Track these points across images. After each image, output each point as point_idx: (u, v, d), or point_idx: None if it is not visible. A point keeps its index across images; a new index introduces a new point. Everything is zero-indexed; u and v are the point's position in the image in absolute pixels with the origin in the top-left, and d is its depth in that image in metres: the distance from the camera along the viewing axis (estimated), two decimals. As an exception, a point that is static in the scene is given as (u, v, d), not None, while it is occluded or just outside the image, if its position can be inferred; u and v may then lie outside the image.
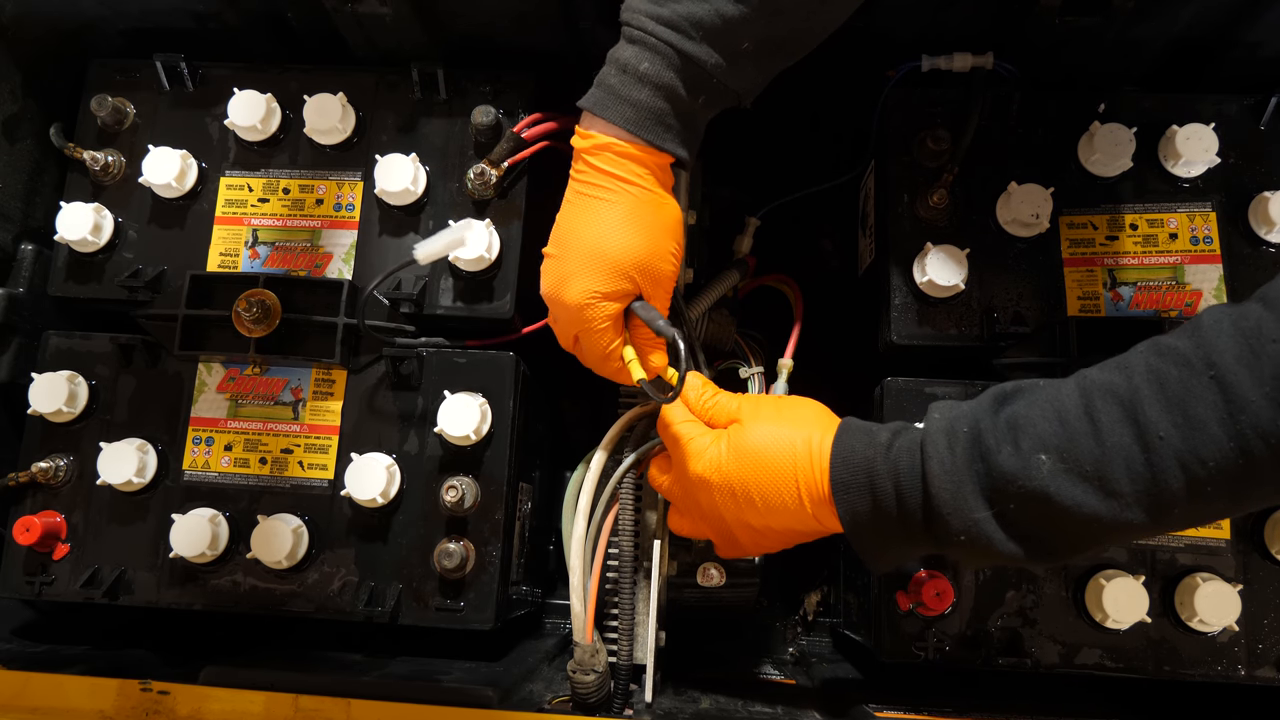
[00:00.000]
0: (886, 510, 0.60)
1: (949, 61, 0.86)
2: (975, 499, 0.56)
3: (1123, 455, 0.51)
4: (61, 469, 0.82)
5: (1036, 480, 0.53)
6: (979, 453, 0.56)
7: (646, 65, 0.64)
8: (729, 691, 0.85)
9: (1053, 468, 0.53)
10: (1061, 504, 0.53)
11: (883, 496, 0.60)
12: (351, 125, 0.86)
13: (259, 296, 0.79)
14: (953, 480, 0.57)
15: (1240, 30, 0.84)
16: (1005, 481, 0.55)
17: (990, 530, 0.56)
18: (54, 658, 0.82)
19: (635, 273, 0.68)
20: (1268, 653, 0.77)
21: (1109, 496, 0.52)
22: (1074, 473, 0.52)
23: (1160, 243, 0.83)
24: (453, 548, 0.77)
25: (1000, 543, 0.56)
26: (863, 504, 0.61)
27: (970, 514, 0.56)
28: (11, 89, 0.88)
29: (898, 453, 0.60)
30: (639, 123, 0.65)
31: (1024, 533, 0.56)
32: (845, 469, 0.62)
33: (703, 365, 0.85)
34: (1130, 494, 0.51)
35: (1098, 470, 0.52)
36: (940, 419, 0.59)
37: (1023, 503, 0.54)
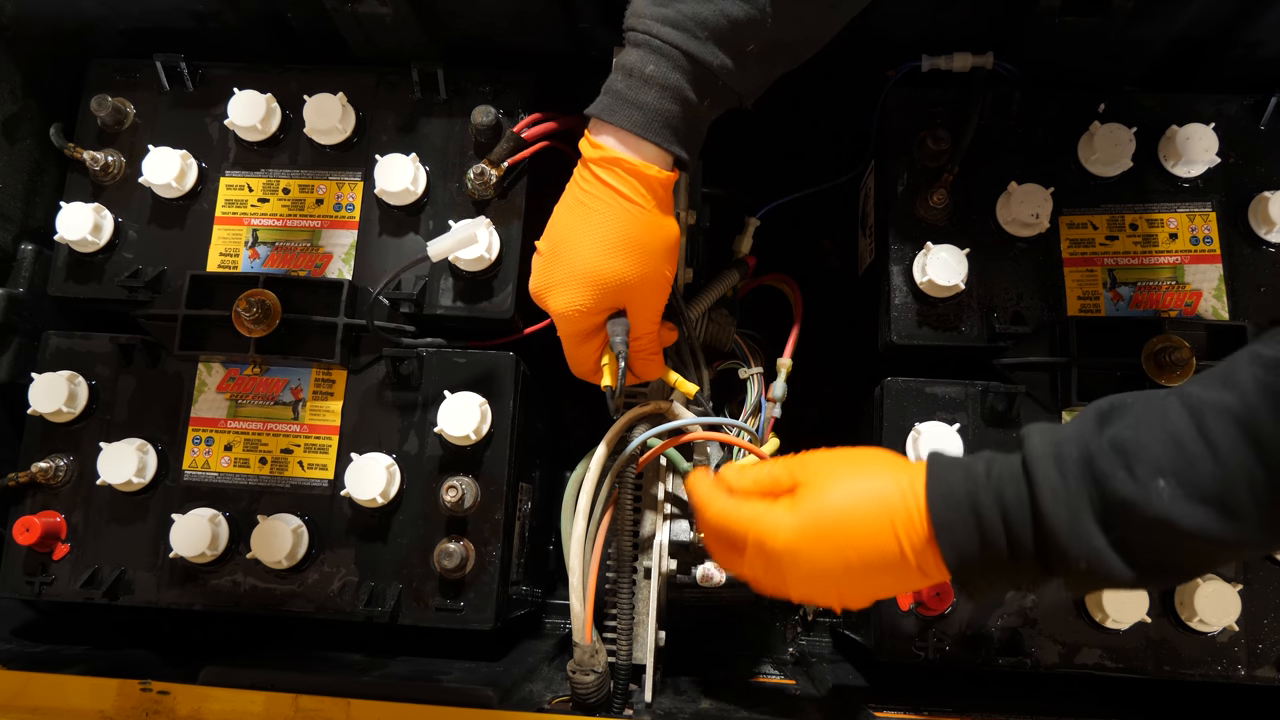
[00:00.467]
0: (995, 546, 0.57)
1: (949, 61, 0.86)
2: (1094, 526, 0.54)
3: (1245, 476, 0.49)
4: (61, 469, 0.82)
5: (1157, 506, 0.51)
6: (1092, 478, 0.54)
7: (653, 68, 0.64)
8: (729, 691, 0.85)
9: (1173, 493, 0.51)
10: (1184, 529, 0.51)
11: (990, 531, 0.57)
12: (351, 125, 0.86)
13: (259, 296, 0.79)
14: (1068, 509, 0.54)
15: (1240, 30, 0.84)
16: (1123, 508, 0.52)
17: (1109, 557, 0.53)
18: (54, 658, 0.82)
19: (622, 295, 0.68)
20: (1268, 653, 0.77)
21: (1232, 519, 0.50)
22: (1194, 497, 0.50)
23: (1160, 243, 0.83)
24: (453, 548, 0.77)
25: (1118, 569, 0.54)
26: (970, 543, 0.57)
27: (1090, 541, 0.54)
28: (11, 89, 0.88)
29: (1000, 481, 0.57)
30: (646, 125, 0.64)
31: (1142, 558, 0.54)
32: (947, 507, 0.58)
33: (703, 365, 0.85)
34: (1254, 515, 0.50)
35: (1220, 494, 0.50)
36: (1043, 443, 0.57)
37: (1143, 529, 0.52)
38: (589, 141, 0.67)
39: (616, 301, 0.69)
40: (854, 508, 0.61)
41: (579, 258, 0.66)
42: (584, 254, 0.66)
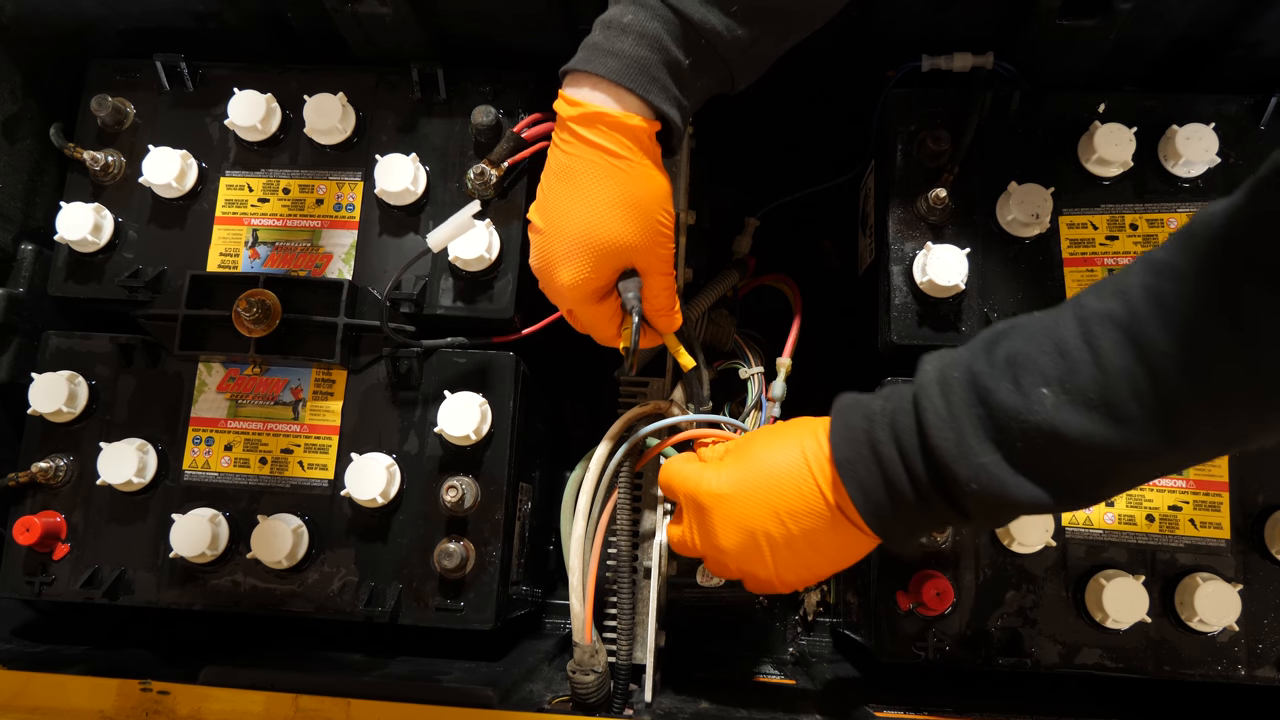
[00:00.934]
0: (895, 479, 0.57)
1: (949, 61, 0.85)
2: (979, 442, 0.53)
3: (1127, 378, 0.48)
4: (61, 469, 0.82)
5: (1040, 414, 0.50)
6: (976, 395, 0.54)
7: (630, 16, 0.61)
8: (729, 691, 0.85)
9: (1056, 400, 0.50)
10: (1070, 436, 0.50)
11: (888, 463, 0.57)
12: (351, 125, 0.86)
13: (259, 296, 0.79)
14: (952, 427, 0.54)
15: (1240, 30, 0.84)
16: (1008, 418, 0.52)
17: (1001, 474, 0.53)
18: (54, 658, 0.82)
19: (626, 255, 0.66)
20: (1268, 653, 0.77)
21: (1119, 423, 0.49)
22: (1079, 403, 0.50)
23: (1160, 242, 0.83)
24: (453, 548, 0.78)
25: (1016, 487, 0.53)
26: (871, 479, 0.58)
27: (976, 459, 0.53)
28: (11, 89, 0.88)
29: (893, 414, 0.57)
30: (623, 72, 0.61)
31: (1040, 474, 0.53)
32: (847, 446, 0.59)
33: (703, 365, 0.85)
34: (1140, 417, 0.49)
35: (1103, 396, 0.49)
36: (931, 369, 0.57)
37: (1030, 440, 0.51)
38: (564, 99, 0.64)
39: (622, 263, 0.67)
40: (773, 455, 0.63)
41: (575, 226, 0.64)
42: (579, 221, 0.64)
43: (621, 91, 0.62)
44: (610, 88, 0.62)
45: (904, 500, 0.57)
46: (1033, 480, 0.53)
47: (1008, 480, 0.53)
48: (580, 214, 0.64)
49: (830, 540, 0.62)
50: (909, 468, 0.56)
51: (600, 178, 0.63)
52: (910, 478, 0.56)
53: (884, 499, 0.58)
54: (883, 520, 0.59)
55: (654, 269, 0.68)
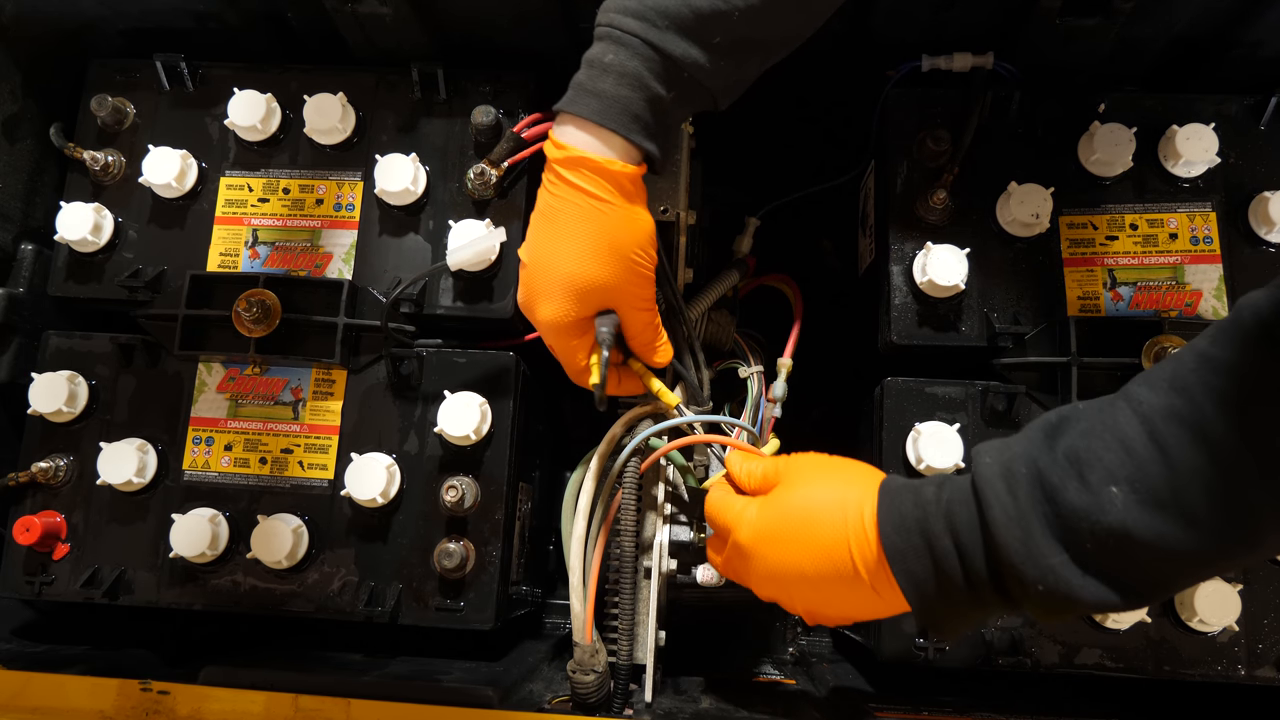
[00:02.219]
0: (949, 573, 0.55)
1: (949, 61, 0.86)
2: (1047, 543, 0.51)
3: (1199, 479, 0.47)
4: (61, 469, 0.82)
5: (1112, 514, 0.49)
6: (1043, 494, 0.52)
7: (611, 56, 0.62)
8: (729, 691, 0.85)
9: (1127, 499, 0.49)
10: (1142, 538, 0.49)
11: (944, 558, 0.55)
12: (351, 125, 0.86)
13: (259, 296, 0.79)
14: (1020, 526, 0.52)
15: (1240, 30, 0.84)
16: (1077, 520, 0.50)
17: (1070, 575, 0.51)
18: (54, 658, 0.82)
19: (604, 296, 0.68)
20: (1268, 653, 0.77)
21: (1191, 524, 0.48)
22: (1149, 503, 0.48)
23: (1160, 243, 0.83)
24: (453, 548, 0.78)
25: (1083, 589, 0.51)
26: (923, 571, 0.56)
27: (1045, 560, 0.51)
28: (11, 89, 0.88)
29: (950, 505, 0.55)
30: (604, 113, 0.63)
31: (1107, 575, 0.51)
32: (897, 534, 0.57)
33: (703, 365, 0.85)
34: (1209, 519, 0.47)
35: (1174, 496, 0.48)
36: (992, 462, 0.55)
37: (1100, 541, 0.50)
38: (552, 140, 0.66)
39: (601, 304, 0.68)
40: (812, 516, 0.61)
41: (556, 267, 0.66)
42: (560, 262, 0.66)
43: (604, 132, 0.63)
44: (593, 129, 0.64)
45: (956, 595, 0.55)
46: (1101, 581, 0.51)
47: (1074, 582, 0.51)
48: (560, 254, 0.66)
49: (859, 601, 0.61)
50: (965, 563, 0.54)
51: (581, 220, 0.65)
52: (965, 573, 0.55)
53: (933, 591, 0.56)
54: (929, 611, 0.57)
55: (633, 307, 0.70)
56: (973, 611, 0.57)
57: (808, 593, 0.63)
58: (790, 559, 0.62)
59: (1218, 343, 0.49)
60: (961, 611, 0.57)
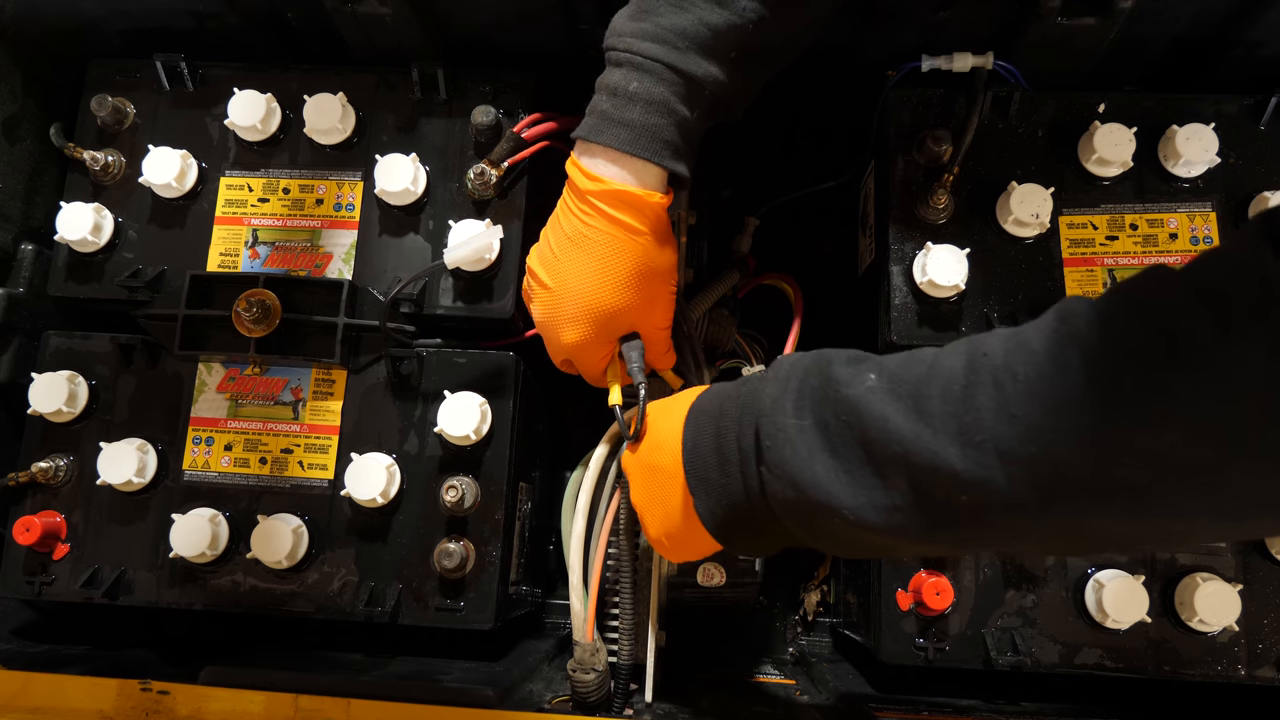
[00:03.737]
0: (725, 439, 0.56)
1: (949, 61, 0.85)
2: (795, 404, 0.52)
3: (944, 377, 0.47)
4: (61, 469, 0.82)
5: (856, 389, 0.49)
6: (819, 366, 0.53)
7: (636, 84, 0.63)
8: (729, 691, 0.85)
9: (876, 384, 0.49)
10: (870, 417, 0.48)
11: (726, 425, 0.57)
12: (351, 125, 0.86)
13: (259, 296, 0.79)
14: (779, 384, 0.54)
15: (1240, 30, 0.84)
16: (831, 388, 0.51)
17: (803, 444, 0.50)
18: (54, 658, 0.82)
19: (632, 321, 0.70)
20: (1268, 653, 0.77)
21: (918, 416, 0.46)
22: (893, 392, 0.48)
23: (1160, 243, 0.83)
24: (453, 548, 0.77)
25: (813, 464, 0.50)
26: (706, 432, 0.58)
27: (784, 417, 0.52)
28: (11, 89, 0.88)
29: (756, 381, 0.58)
30: (635, 142, 0.63)
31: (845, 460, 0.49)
32: (704, 398, 0.61)
33: (704, 365, 0.85)
34: (940, 414, 0.46)
35: (916, 388, 0.47)
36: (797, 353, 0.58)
37: (838, 414, 0.50)
38: (581, 170, 0.65)
39: (626, 328, 0.70)
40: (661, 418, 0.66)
41: (586, 294, 0.67)
42: (591, 290, 0.67)
43: (637, 162, 0.64)
44: (625, 159, 0.64)
45: (727, 465, 0.56)
46: (835, 462, 0.50)
47: (802, 450, 0.50)
48: (594, 283, 0.67)
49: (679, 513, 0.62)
50: (740, 429, 0.56)
51: (617, 252, 0.66)
52: (738, 439, 0.56)
53: (710, 456, 0.58)
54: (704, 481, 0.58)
55: (656, 328, 0.72)
56: (744, 503, 0.56)
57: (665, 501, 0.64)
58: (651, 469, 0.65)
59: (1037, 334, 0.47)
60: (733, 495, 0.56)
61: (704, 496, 0.59)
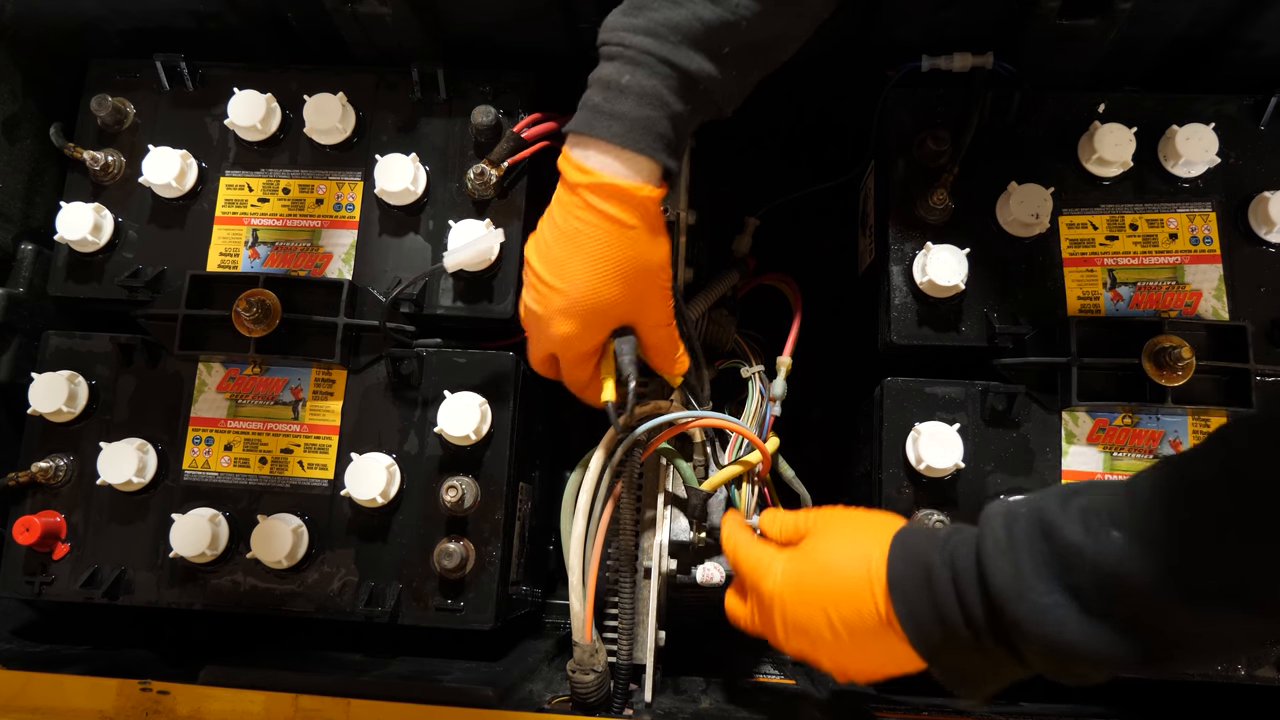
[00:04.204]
0: (945, 606, 0.54)
1: (949, 61, 0.85)
2: (1038, 579, 0.50)
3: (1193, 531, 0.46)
4: (61, 469, 0.82)
5: (1108, 554, 0.47)
6: (1040, 531, 0.51)
7: (628, 77, 0.62)
8: (729, 692, 0.85)
9: (1125, 541, 0.47)
10: (1139, 581, 0.47)
11: (939, 588, 0.54)
12: (351, 125, 0.86)
13: (259, 296, 0.79)
14: (1009, 559, 0.51)
15: (1240, 30, 0.84)
16: (1073, 557, 0.49)
17: (1064, 615, 0.49)
18: (54, 658, 0.82)
19: (624, 315, 0.68)
20: (1268, 653, 0.77)
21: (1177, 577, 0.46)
22: (1148, 547, 0.47)
23: (1160, 243, 0.83)
24: (453, 548, 0.78)
25: (1078, 632, 0.49)
26: (920, 603, 0.56)
27: (1036, 597, 0.50)
28: (11, 89, 0.88)
29: (955, 544, 0.55)
30: (628, 135, 0.63)
31: (1113, 624, 0.49)
32: (900, 562, 0.58)
33: (703, 365, 0.85)
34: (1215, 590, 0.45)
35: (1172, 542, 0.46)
36: (998, 504, 0.55)
37: (1097, 583, 0.48)
38: (573, 163, 0.65)
39: (618, 322, 0.69)
40: (836, 563, 0.62)
41: (577, 287, 0.66)
42: (582, 283, 0.65)
43: (629, 155, 0.63)
44: (618, 152, 0.63)
45: (955, 633, 0.55)
46: (1106, 628, 0.49)
47: (1069, 623, 0.49)
48: (586, 278, 0.65)
49: (883, 653, 0.60)
50: (962, 599, 0.54)
51: (608, 246, 0.65)
52: (962, 609, 0.54)
53: (933, 627, 0.56)
54: (931, 649, 0.57)
55: (652, 322, 0.71)
56: (978, 659, 0.55)
57: (833, 645, 0.62)
58: (816, 607, 0.62)
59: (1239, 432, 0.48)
60: (966, 657, 0.56)
61: (934, 663, 0.58)
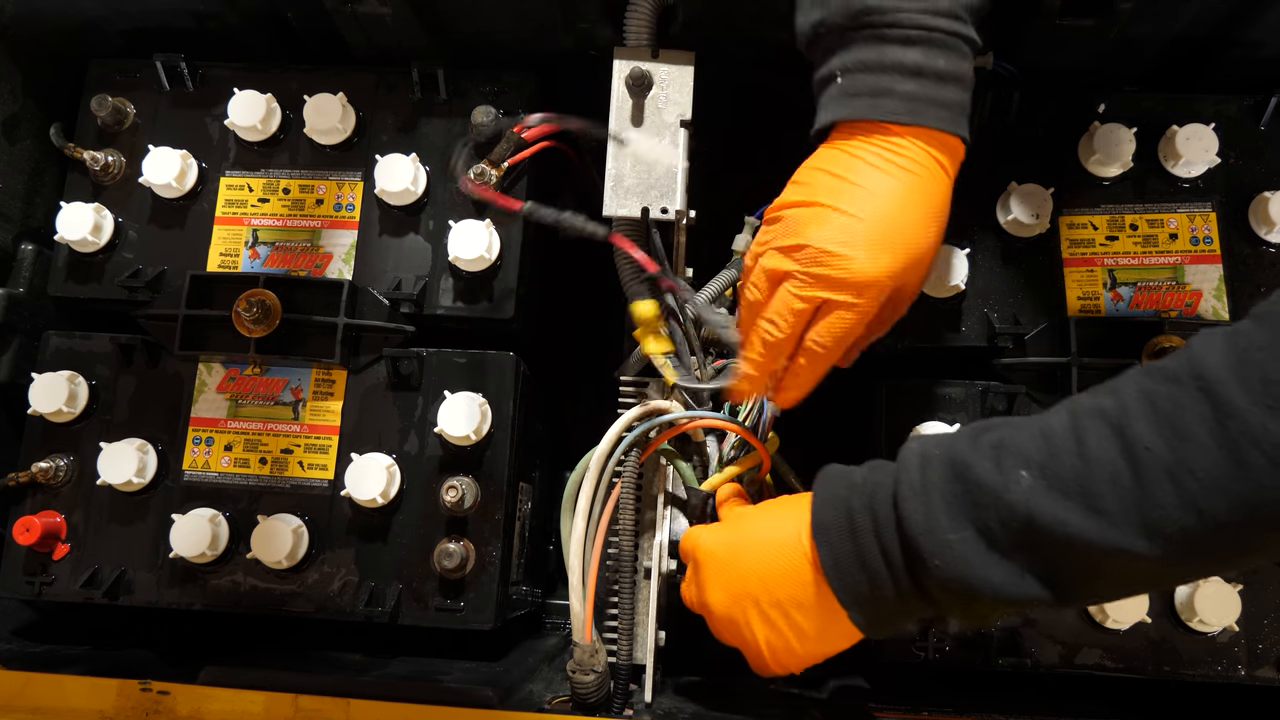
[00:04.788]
0: (867, 550, 0.55)
1: (949, 61, 0.85)
2: (950, 519, 0.52)
3: (1107, 469, 0.47)
4: (61, 469, 0.82)
5: (1015, 493, 0.49)
6: (953, 472, 0.52)
7: (944, 62, 0.60)
8: (729, 691, 0.85)
9: (1033, 484, 0.49)
10: (1043, 522, 0.49)
11: (861, 533, 0.56)
12: (351, 125, 0.86)
13: (259, 296, 0.79)
14: (923, 500, 0.53)
15: (1240, 30, 0.84)
16: (983, 495, 0.51)
17: (968, 552, 0.51)
18: (54, 658, 0.82)
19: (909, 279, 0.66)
20: (1268, 653, 0.77)
21: (1095, 514, 0.48)
22: (1055, 489, 0.49)
23: (1160, 243, 0.83)
24: (453, 548, 0.77)
25: (983, 568, 0.51)
26: (842, 544, 0.57)
27: (942, 534, 0.51)
28: (11, 89, 0.88)
29: (874, 486, 0.56)
30: (955, 120, 0.62)
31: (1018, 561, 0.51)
32: (823, 509, 0.58)
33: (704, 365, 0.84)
34: (1118, 511, 0.47)
35: (1080, 484, 0.48)
36: (914, 445, 0.56)
37: (1005, 522, 0.50)
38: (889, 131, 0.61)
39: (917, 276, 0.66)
40: (767, 520, 0.63)
41: (899, 221, 0.62)
42: (907, 219, 0.62)
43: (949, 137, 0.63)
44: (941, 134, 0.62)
45: (876, 577, 0.56)
46: (1011, 565, 0.51)
47: (974, 560, 0.51)
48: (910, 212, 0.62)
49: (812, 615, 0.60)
50: (882, 541, 0.55)
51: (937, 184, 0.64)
52: (883, 552, 0.55)
53: (857, 572, 0.56)
54: (856, 595, 0.57)
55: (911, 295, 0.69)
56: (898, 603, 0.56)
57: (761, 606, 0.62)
58: (742, 566, 0.62)
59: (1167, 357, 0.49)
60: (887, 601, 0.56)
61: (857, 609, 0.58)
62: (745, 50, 0.87)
